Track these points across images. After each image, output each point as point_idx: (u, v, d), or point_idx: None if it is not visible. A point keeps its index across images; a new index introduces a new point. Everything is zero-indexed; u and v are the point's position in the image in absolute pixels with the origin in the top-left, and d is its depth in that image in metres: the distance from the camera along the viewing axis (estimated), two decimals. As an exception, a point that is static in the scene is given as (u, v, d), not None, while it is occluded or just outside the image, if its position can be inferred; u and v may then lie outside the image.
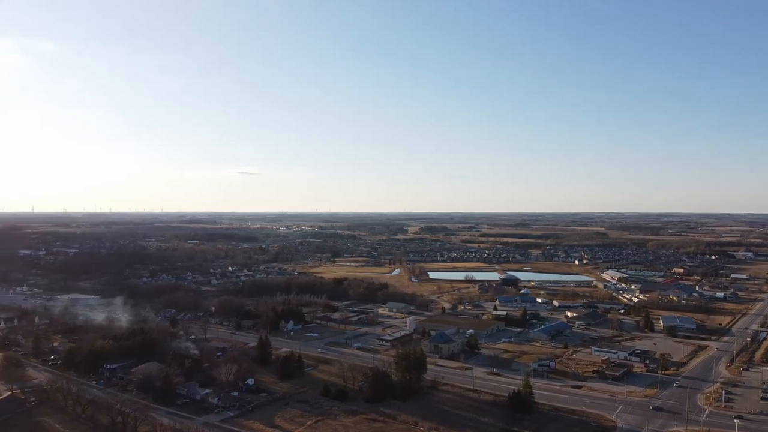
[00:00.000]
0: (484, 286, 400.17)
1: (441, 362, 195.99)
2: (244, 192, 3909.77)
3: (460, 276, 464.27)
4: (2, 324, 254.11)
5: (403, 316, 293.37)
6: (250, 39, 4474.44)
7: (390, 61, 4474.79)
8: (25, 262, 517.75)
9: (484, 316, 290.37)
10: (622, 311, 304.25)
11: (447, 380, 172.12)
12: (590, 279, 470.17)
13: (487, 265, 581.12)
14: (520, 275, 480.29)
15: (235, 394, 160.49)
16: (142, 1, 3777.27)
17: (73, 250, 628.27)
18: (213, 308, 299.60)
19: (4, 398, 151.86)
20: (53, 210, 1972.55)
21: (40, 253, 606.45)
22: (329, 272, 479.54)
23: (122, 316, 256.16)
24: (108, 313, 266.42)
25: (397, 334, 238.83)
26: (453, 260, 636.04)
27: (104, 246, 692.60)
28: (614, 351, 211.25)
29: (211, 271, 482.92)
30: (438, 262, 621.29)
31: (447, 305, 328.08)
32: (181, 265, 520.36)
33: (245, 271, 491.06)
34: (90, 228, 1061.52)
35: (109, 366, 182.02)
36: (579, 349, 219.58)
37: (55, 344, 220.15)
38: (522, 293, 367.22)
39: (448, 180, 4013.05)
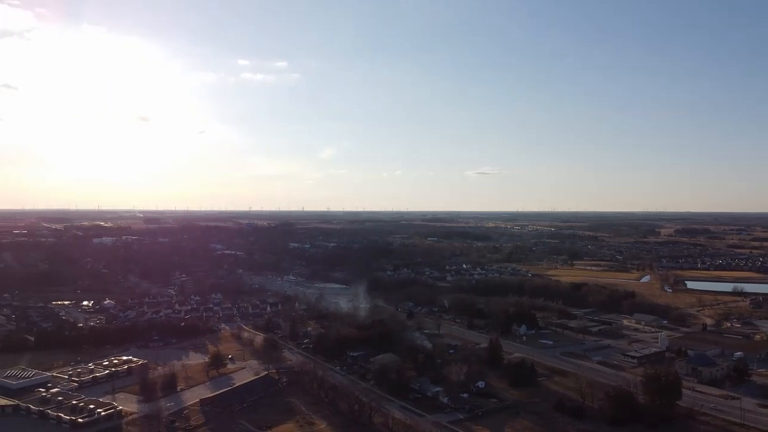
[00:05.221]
0: (758, 300, 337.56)
1: (699, 388, 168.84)
2: (482, 192, 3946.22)
3: (727, 287, 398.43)
4: (269, 308, 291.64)
5: (652, 330, 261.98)
6: (494, 44, 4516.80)
7: (639, 50, 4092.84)
8: (293, 254, 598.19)
9: (757, 337, 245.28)
10: None
11: (707, 410, 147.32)
12: None
13: (762, 276, 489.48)
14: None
15: (465, 395, 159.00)
16: (389, 17, 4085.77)
17: (332, 245, 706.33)
18: (446, 304, 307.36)
19: (261, 377, 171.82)
20: (318, 209, 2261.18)
21: (306, 246, 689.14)
22: (566, 276, 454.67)
23: (364, 306, 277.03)
24: (353, 302, 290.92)
25: (646, 351, 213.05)
26: (717, 268, 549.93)
27: (357, 241, 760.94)
28: None
29: (447, 267, 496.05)
30: (698, 269, 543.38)
31: (709, 321, 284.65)
32: (420, 260, 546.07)
33: (478, 269, 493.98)
34: (347, 225, 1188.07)
35: (352, 353, 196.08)
36: None
37: (309, 329, 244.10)
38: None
39: (713, 174, 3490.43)
